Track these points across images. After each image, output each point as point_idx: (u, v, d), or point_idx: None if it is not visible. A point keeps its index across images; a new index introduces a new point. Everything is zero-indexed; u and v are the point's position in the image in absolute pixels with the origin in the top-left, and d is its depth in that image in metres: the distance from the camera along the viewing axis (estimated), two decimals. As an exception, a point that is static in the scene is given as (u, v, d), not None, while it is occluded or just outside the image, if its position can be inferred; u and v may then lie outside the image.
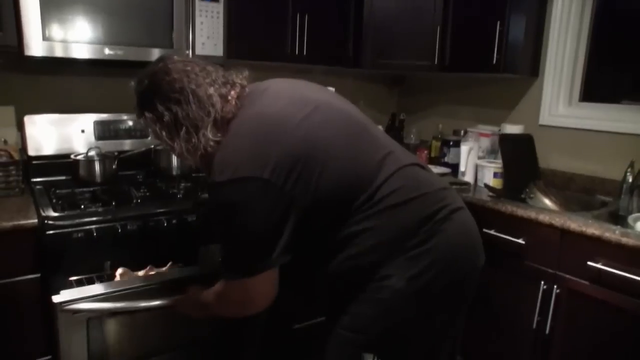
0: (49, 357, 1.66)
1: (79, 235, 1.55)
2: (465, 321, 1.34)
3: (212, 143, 1.14)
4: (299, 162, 1.09)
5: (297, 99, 1.21)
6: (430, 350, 1.23)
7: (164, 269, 2.11)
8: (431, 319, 1.18)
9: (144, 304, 1.58)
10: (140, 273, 2.06)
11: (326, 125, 1.17)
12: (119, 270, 2.03)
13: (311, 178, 1.10)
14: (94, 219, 1.60)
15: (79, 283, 2.05)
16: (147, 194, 1.91)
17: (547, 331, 1.80)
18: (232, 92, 1.19)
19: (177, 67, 1.17)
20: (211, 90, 1.15)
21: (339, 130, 1.19)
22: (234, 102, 1.17)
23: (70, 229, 1.54)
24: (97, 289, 1.65)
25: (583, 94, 2.30)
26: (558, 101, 2.31)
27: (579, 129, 2.23)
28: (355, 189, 1.13)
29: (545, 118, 2.35)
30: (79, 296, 1.56)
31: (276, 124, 1.14)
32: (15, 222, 1.52)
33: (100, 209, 1.66)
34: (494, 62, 2.18)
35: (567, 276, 1.73)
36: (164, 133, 1.18)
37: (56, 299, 1.54)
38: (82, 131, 2.06)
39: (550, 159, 2.34)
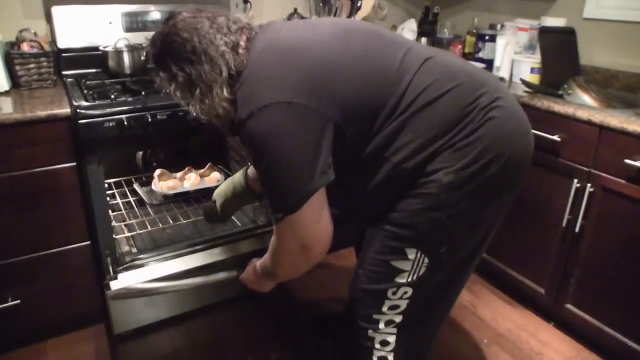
0: (87, 242, 1.75)
1: (111, 124, 1.56)
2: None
3: (224, 104, 1.14)
4: (318, 78, 1.06)
5: (304, 24, 1.20)
6: (476, 246, 1.22)
7: (202, 170, 2.15)
8: (482, 211, 1.16)
9: (209, 279, 1.63)
10: (178, 175, 2.12)
11: (338, 36, 1.14)
12: (157, 172, 2.08)
13: (333, 91, 1.06)
14: (125, 108, 1.60)
15: (118, 186, 2.13)
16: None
17: (577, 229, 1.79)
18: (243, 38, 1.17)
19: (187, 26, 1.16)
20: (222, 46, 1.14)
21: (352, 38, 1.15)
22: (244, 50, 1.15)
23: (101, 118, 1.56)
24: (152, 271, 1.75)
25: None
26: (608, -10, 2.14)
27: (628, 22, 2.08)
28: (382, 92, 1.09)
29: (591, 10, 2.20)
30: (139, 282, 1.68)
31: (288, 48, 1.12)
32: (49, 112, 1.54)
33: (130, 99, 1.66)
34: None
35: (603, 174, 1.70)
36: (178, 93, 1.19)
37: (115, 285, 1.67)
38: (110, 23, 2.02)
39: (593, 54, 2.22)
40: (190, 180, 2.08)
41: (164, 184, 2.03)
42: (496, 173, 1.10)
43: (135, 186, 2.14)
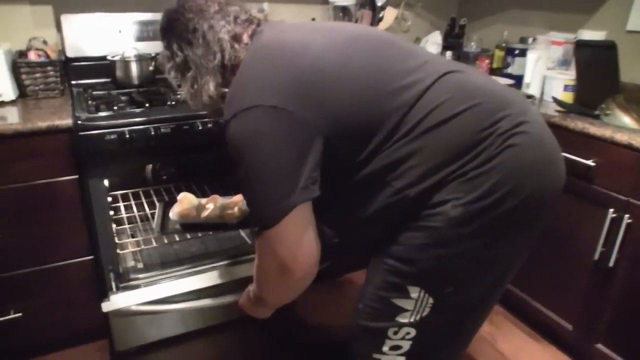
0: (90, 257, 1.71)
1: (112, 137, 1.51)
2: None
3: (210, 93, 1.13)
4: (309, 84, 0.98)
5: (311, 27, 1.15)
6: (488, 288, 1.10)
7: (232, 199, 2.02)
8: (493, 250, 1.03)
9: (215, 302, 1.63)
10: (203, 201, 1.99)
11: (342, 43, 1.06)
12: (180, 196, 1.98)
13: (324, 99, 0.98)
14: (127, 120, 1.54)
15: (125, 199, 2.07)
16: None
17: (610, 264, 1.65)
18: (248, 31, 1.16)
19: (194, 6, 1.17)
20: (223, 33, 1.13)
21: (358, 46, 1.06)
22: (244, 44, 1.13)
23: (102, 130, 1.50)
24: (155, 290, 1.69)
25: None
26: (656, 0, 1.98)
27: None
28: (382, 107, 0.99)
29: (636, 22, 2.04)
30: (140, 301, 1.65)
31: (284, 49, 1.05)
32: (50, 123, 1.50)
33: (133, 111, 1.60)
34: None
35: (642, 204, 1.55)
36: (172, 73, 1.21)
37: (106, 306, 1.60)
38: (120, 32, 1.98)
39: (636, 71, 2.06)
40: (207, 211, 1.91)
41: (176, 211, 1.93)
42: (512, 209, 0.97)
43: (158, 206, 2.05)
